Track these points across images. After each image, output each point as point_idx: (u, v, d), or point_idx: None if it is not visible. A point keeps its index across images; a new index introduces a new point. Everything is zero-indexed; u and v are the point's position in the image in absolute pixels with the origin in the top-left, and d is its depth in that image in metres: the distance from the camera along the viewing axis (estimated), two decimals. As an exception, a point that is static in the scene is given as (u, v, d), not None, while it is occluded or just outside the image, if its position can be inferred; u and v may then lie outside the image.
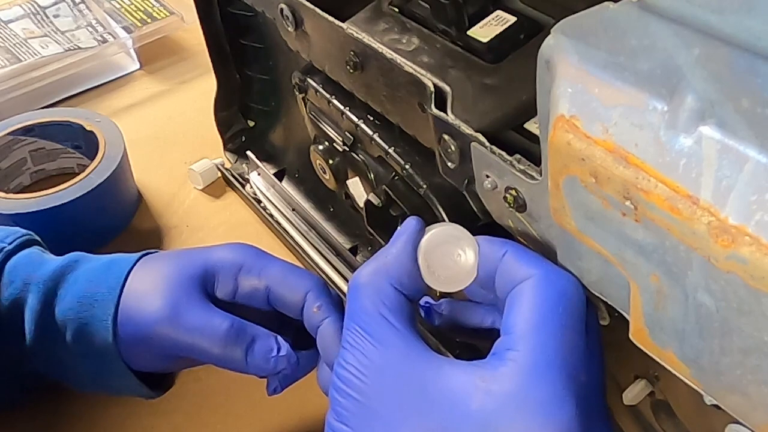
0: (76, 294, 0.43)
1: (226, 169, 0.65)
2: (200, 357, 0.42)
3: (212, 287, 0.43)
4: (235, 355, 0.41)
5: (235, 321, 0.41)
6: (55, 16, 0.79)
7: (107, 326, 0.42)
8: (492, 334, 0.33)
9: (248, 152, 0.63)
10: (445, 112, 0.35)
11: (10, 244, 0.45)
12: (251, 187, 0.64)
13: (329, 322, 0.42)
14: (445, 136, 0.35)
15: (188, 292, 0.42)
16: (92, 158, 0.60)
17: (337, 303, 0.43)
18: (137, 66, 0.79)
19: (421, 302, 0.38)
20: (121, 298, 0.42)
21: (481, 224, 0.38)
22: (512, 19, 0.39)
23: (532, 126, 0.35)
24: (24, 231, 0.47)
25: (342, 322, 0.43)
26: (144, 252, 0.46)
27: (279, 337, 0.42)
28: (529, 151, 0.33)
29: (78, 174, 0.58)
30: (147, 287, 0.43)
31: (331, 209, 0.59)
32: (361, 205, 0.47)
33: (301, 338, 0.43)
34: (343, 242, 0.56)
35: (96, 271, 0.44)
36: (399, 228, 0.34)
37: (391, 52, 0.38)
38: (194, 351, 0.42)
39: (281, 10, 0.44)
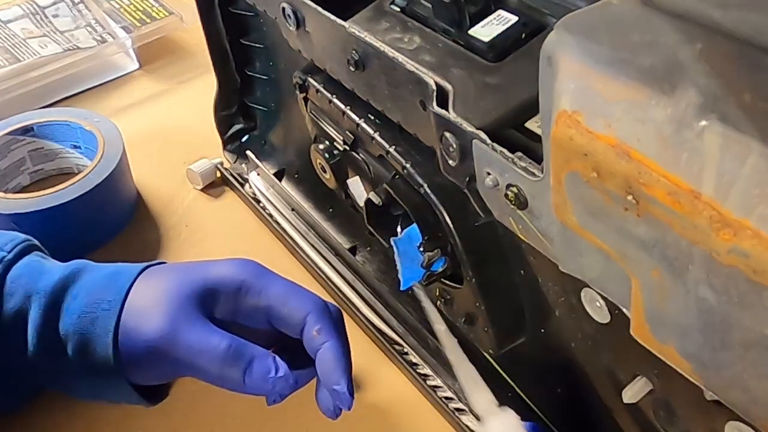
0: (77, 308, 0.43)
1: (225, 169, 0.65)
2: (198, 376, 0.42)
3: (211, 305, 0.43)
4: (232, 375, 0.41)
5: (234, 341, 0.41)
6: (54, 16, 0.79)
7: (107, 342, 0.42)
8: None
9: (248, 152, 0.63)
10: (447, 110, 0.35)
11: (9, 252, 0.44)
12: (250, 187, 0.64)
13: (329, 346, 0.42)
14: (447, 134, 0.35)
15: (187, 310, 0.42)
16: (91, 158, 0.60)
17: (337, 325, 0.43)
18: (136, 66, 0.79)
19: None
20: (122, 315, 0.42)
21: (481, 222, 0.38)
22: (514, 18, 0.39)
23: (532, 125, 0.35)
24: (23, 237, 0.47)
25: (341, 346, 0.43)
26: (146, 265, 0.45)
27: (277, 358, 0.42)
28: (530, 149, 0.33)
29: (77, 174, 0.58)
30: (146, 304, 0.43)
31: (331, 209, 0.59)
32: (362, 204, 0.47)
33: (301, 355, 0.43)
34: (343, 242, 0.57)
35: (97, 284, 0.44)
36: None
37: (393, 51, 0.38)
38: (192, 370, 0.42)
39: (283, 9, 0.45)
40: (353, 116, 0.45)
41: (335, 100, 0.46)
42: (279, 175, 0.62)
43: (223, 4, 0.56)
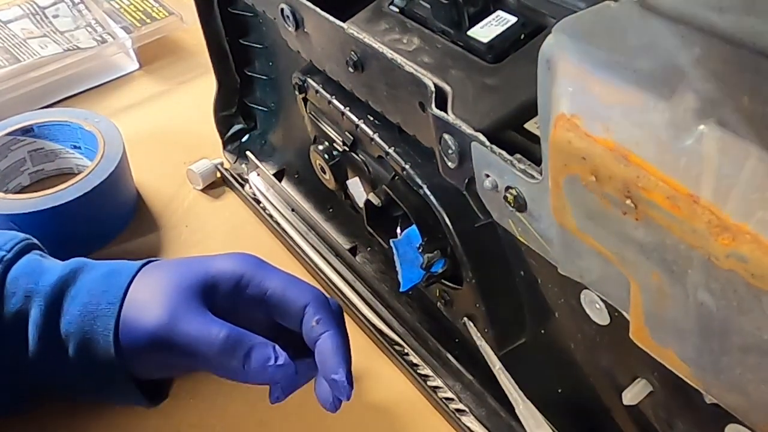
0: (78, 308, 0.43)
1: (226, 170, 0.65)
2: (199, 365, 0.42)
3: (212, 298, 0.43)
4: (232, 363, 0.41)
5: (233, 329, 0.41)
6: (54, 17, 0.79)
7: (109, 339, 0.42)
8: None
9: (248, 152, 0.63)
10: (446, 111, 0.35)
11: (8, 251, 0.45)
12: (250, 187, 0.64)
13: (327, 336, 0.42)
14: (446, 136, 0.35)
15: (186, 301, 0.42)
16: (91, 158, 0.60)
17: (336, 316, 0.43)
18: (136, 66, 0.79)
19: None
20: (122, 311, 0.42)
21: (480, 224, 0.38)
22: (513, 19, 0.39)
23: (532, 126, 0.35)
24: (21, 236, 0.47)
25: (341, 336, 0.43)
26: (145, 261, 0.45)
27: (277, 346, 0.42)
28: (529, 151, 0.33)
29: (77, 174, 0.58)
30: (146, 297, 0.43)
31: (330, 210, 0.59)
32: (361, 205, 0.47)
33: (301, 347, 0.43)
34: (343, 243, 0.57)
35: (97, 283, 0.44)
36: None
37: (392, 52, 0.38)
38: (192, 359, 0.42)
39: (282, 10, 0.44)
40: (352, 117, 0.45)
41: (334, 101, 0.46)
42: (279, 176, 0.62)
43: (222, 4, 0.56)
